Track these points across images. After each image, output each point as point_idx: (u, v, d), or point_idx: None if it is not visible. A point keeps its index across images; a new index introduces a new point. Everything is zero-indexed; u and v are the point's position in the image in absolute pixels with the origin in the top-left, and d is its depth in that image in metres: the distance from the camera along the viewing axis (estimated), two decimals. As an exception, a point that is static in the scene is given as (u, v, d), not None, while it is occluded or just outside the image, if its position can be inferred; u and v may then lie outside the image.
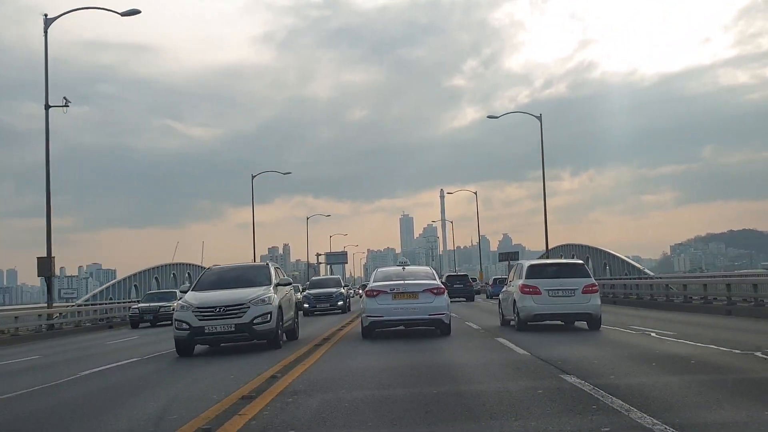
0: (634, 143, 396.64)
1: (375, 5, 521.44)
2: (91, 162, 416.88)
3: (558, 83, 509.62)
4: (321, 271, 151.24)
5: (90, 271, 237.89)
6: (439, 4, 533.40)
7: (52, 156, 30.16)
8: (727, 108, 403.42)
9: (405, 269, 17.56)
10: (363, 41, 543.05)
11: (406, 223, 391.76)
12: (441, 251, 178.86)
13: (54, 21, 29.87)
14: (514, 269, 19.12)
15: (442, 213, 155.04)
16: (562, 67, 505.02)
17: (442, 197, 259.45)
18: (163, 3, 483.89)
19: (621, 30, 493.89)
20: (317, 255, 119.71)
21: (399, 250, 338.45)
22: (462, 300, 41.54)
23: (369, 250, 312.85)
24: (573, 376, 8.97)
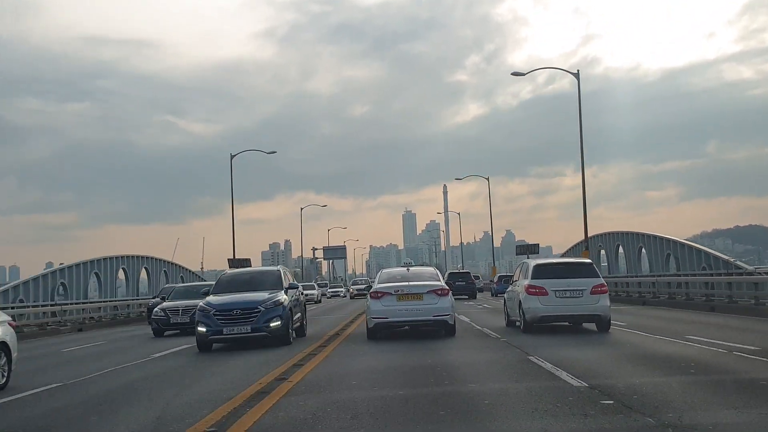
0: (637, 139, 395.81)
1: (376, 0, 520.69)
2: (93, 158, 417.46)
3: (561, 79, 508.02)
4: (324, 268, 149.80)
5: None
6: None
7: (52, 152, 28.94)
8: (731, 103, 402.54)
9: (409, 270, 17.90)
10: (364, 36, 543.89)
11: (408, 219, 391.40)
12: (443, 247, 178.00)
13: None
14: (519, 268, 18.72)
15: (445, 208, 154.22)
16: (565, 63, 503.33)
17: (444, 193, 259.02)
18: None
19: (625, 25, 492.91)
20: (313, 249, 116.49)
21: (402, 246, 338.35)
22: (464, 298, 40.97)
23: (371, 246, 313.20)
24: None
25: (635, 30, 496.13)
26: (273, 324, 15.27)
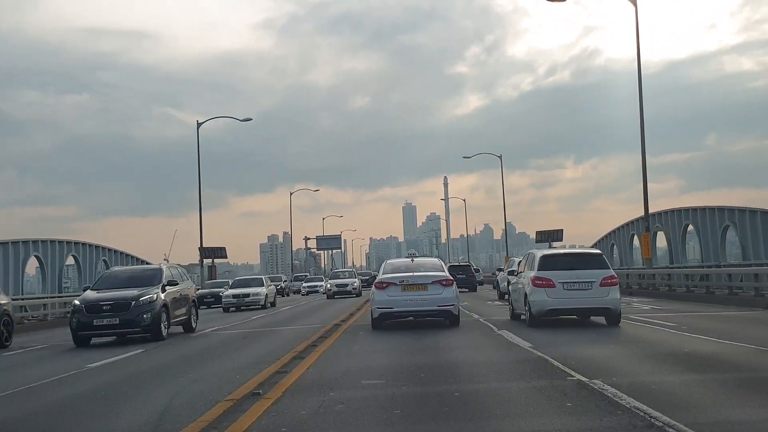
0: (638, 131, 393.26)
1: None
2: (93, 151, 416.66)
3: (562, 70, 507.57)
4: (323, 261, 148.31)
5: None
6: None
7: (53, 145, 27.56)
8: (732, 95, 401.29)
9: (414, 261, 18.17)
10: (364, 28, 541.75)
11: (409, 212, 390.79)
12: (444, 240, 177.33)
13: None
14: (524, 259, 18.03)
15: (445, 201, 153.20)
16: (565, 54, 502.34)
17: (445, 185, 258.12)
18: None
19: (625, 16, 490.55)
20: (305, 239, 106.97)
21: (402, 239, 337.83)
22: (465, 291, 40.26)
23: (371, 238, 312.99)
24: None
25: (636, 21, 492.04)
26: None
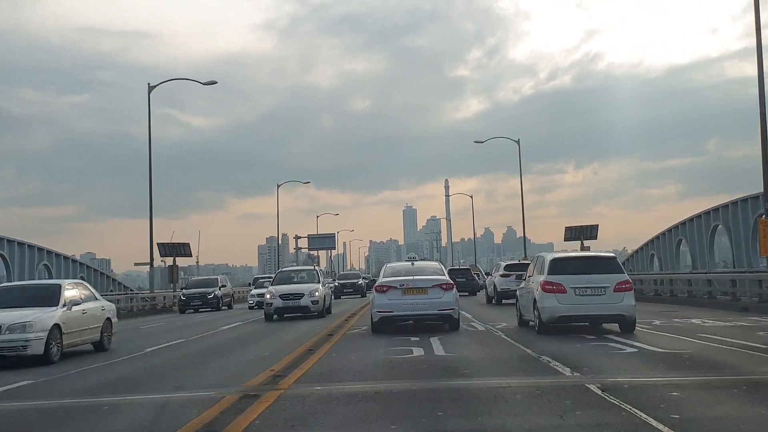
0: (638, 136, 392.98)
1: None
2: (92, 150, 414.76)
3: (563, 75, 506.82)
4: (322, 263, 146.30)
5: (83, 261, 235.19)
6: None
7: (52, 143, 26.83)
8: (733, 101, 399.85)
9: (414, 265, 18.13)
10: (365, 29, 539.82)
11: (409, 215, 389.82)
12: (444, 243, 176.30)
13: None
14: (533, 262, 17.05)
15: (446, 204, 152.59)
16: (567, 59, 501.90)
17: (446, 188, 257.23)
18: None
19: (628, 20, 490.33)
20: (296, 238, 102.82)
21: (402, 241, 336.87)
22: (465, 294, 39.45)
23: (371, 241, 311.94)
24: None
25: (639, 25, 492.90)
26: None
